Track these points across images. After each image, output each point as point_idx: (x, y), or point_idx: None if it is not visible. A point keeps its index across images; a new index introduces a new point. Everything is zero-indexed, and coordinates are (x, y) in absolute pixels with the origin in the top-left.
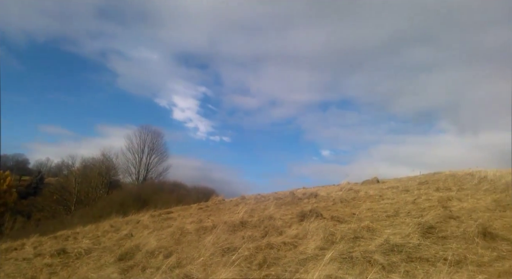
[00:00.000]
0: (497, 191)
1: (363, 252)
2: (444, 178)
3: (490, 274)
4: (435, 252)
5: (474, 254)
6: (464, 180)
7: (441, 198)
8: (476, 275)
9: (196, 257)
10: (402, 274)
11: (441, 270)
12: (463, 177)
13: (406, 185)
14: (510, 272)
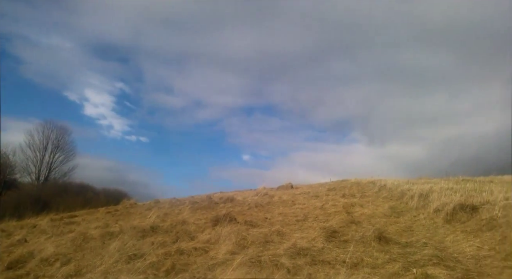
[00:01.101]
0: (394, 199)
1: (272, 256)
2: (350, 186)
3: (382, 275)
4: (336, 255)
5: (370, 257)
6: (367, 188)
7: (346, 204)
8: (370, 277)
9: (98, 264)
10: (305, 277)
11: (340, 272)
12: (366, 185)
13: (317, 191)
14: (399, 274)
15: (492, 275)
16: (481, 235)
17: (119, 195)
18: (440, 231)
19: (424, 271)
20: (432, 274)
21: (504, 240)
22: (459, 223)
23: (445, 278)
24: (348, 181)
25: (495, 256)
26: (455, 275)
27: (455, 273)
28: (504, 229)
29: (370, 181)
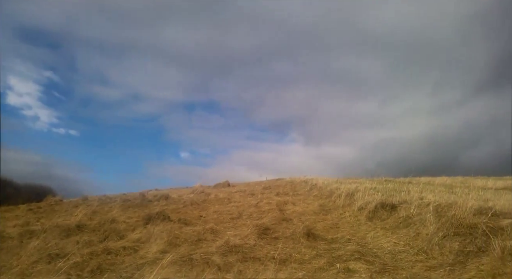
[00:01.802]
0: (323, 197)
1: (203, 254)
2: (284, 184)
3: (308, 270)
4: (267, 251)
5: (298, 252)
6: (300, 187)
7: (279, 202)
8: (297, 272)
9: (14, 265)
10: (235, 274)
11: (269, 268)
12: (299, 184)
13: (253, 189)
14: (324, 269)
15: (405, 269)
16: (398, 231)
17: (43, 191)
18: (362, 228)
19: (347, 265)
20: (353, 269)
21: (417, 237)
22: (380, 221)
23: (364, 272)
24: (283, 180)
25: (409, 251)
26: (373, 269)
27: (373, 267)
28: (417, 226)
29: (303, 180)
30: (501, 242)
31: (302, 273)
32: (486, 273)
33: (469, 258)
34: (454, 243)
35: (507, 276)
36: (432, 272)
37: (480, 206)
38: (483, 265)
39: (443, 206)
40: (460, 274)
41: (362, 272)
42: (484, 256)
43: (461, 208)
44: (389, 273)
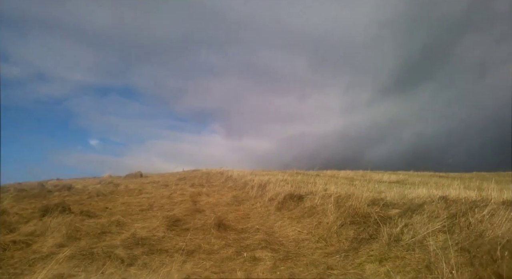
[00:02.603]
0: (237, 188)
1: (106, 247)
2: (200, 175)
3: (216, 260)
4: (175, 243)
5: (207, 243)
6: (215, 178)
7: (193, 193)
8: (204, 262)
9: None
10: (140, 266)
11: (176, 259)
12: (215, 175)
13: (167, 180)
14: (231, 258)
15: (306, 255)
16: (302, 221)
17: None
18: (271, 217)
19: (253, 254)
20: (259, 257)
21: (319, 225)
22: (287, 211)
23: (269, 259)
24: (199, 171)
25: (311, 239)
26: (277, 257)
27: (278, 255)
28: (320, 215)
29: (218, 172)
30: (388, 230)
31: (210, 263)
32: (375, 258)
33: (361, 245)
34: (350, 231)
35: (391, 260)
36: (330, 258)
37: (374, 197)
38: (373, 251)
39: (343, 197)
40: (353, 259)
41: (267, 260)
42: (374, 243)
43: (357, 199)
44: (291, 260)
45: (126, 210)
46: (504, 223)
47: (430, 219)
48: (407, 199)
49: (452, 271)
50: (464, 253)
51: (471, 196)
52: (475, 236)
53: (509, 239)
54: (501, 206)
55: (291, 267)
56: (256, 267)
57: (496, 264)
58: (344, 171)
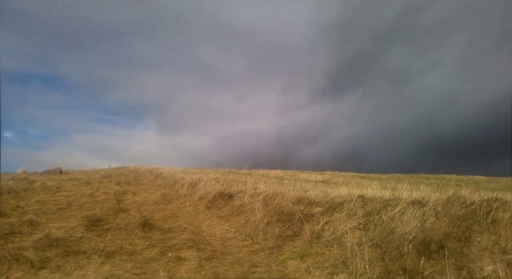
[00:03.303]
0: (167, 187)
1: (15, 249)
2: (127, 173)
3: (138, 261)
4: (95, 244)
5: (130, 244)
6: (144, 176)
7: (118, 192)
8: (124, 264)
9: None
10: (53, 270)
11: (94, 262)
12: (144, 173)
13: (90, 177)
14: (155, 258)
15: (232, 254)
16: (231, 219)
17: None
18: (200, 216)
19: (178, 254)
20: (184, 257)
21: (246, 224)
22: (217, 209)
23: (194, 259)
24: (126, 168)
25: (238, 237)
26: (203, 256)
27: (204, 254)
28: (248, 214)
29: (148, 169)
30: (311, 227)
31: (131, 265)
32: (297, 255)
33: (286, 242)
34: (275, 228)
35: (312, 256)
36: (255, 256)
37: (299, 196)
38: (295, 248)
39: (271, 195)
40: (277, 256)
41: (192, 260)
42: (297, 240)
43: (284, 198)
44: (217, 259)
45: (41, 209)
46: (412, 220)
47: (349, 216)
48: (329, 198)
49: (365, 266)
50: (376, 248)
51: (386, 196)
52: (387, 232)
53: (416, 235)
54: (410, 205)
55: (216, 266)
56: (181, 267)
57: (403, 258)
58: (275, 170)
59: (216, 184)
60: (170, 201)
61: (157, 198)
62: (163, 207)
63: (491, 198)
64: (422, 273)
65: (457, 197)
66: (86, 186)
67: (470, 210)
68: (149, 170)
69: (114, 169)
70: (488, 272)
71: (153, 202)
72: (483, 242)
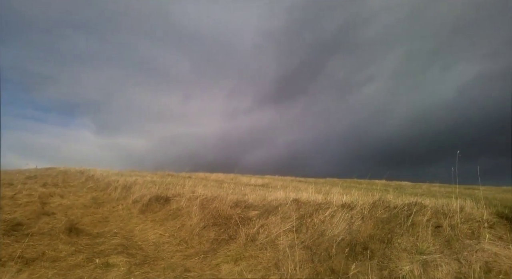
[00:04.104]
0: (98, 189)
1: None
2: (55, 174)
3: (62, 268)
4: (12, 250)
5: (53, 250)
6: (74, 177)
7: (43, 194)
8: (46, 271)
9: None
10: None
11: (10, 269)
12: (74, 174)
13: (13, 178)
14: (81, 265)
15: (165, 259)
16: (166, 223)
17: None
18: (133, 221)
19: (106, 260)
20: (113, 263)
21: (182, 228)
22: (152, 213)
23: (123, 265)
24: (55, 169)
25: (172, 242)
26: (133, 262)
27: (134, 259)
28: (184, 218)
29: (78, 171)
30: (246, 231)
31: (53, 272)
32: (231, 258)
33: (221, 246)
34: (211, 232)
35: (246, 259)
36: (188, 260)
37: (237, 199)
38: (230, 251)
39: (209, 199)
40: (211, 260)
41: (121, 266)
42: (232, 243)
43: (222, 201)
44: (148, 264)
45: None
46: (341, 223)
47: (283, 219)
48: (266, 202)
49: (296, 268)
50: (307, 250)
51: (318, 199)
52: (318, 235)
53: (343, 237)
54: (340, 209)
55: (147, 272)
56: (108, 274)
57: (331, 260)
58: (216, 173)
59: (152, 187)
60: (101, 205)
61: (87, 201)
62: (93, 210)
63: (412, 203)
64: (347, 273)
65: (382, 201)
66: (7, 188)
67: (393, 213)
68: (80, 172)
69: (41, 170)
70: (406, 272)
71: (82, 205)
72: (403, 244)
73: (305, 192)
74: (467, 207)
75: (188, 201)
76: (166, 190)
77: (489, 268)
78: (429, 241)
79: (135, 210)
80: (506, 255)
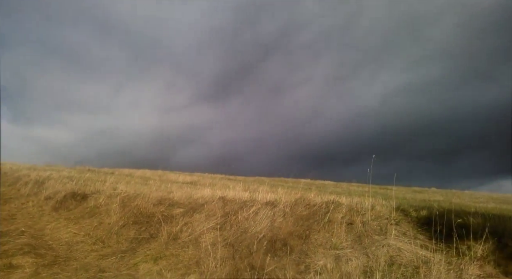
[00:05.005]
0: (6, 184)
1: None
2: None
3: None
4: None
5: None
6: None
7: None
8: None
9: None
10: None
11: None
12: None
13: None
14: None
15: (78, 259)
16: (82, 222)
17: None
18: (44, 218)
19: (10, 261)
20: (17, 264)
21: (99, 226)
22: (66, 211)
23: (29, 266)
24: None
25: (87, 241)
26: (42, 263)
27: (43, 260)
28: (103, 216)
29: None
30: (169, 229)
31: None
32: (151, 257)
33: (141, 245)
34: (131, 231)
35: (166, 258)
36: (104, 260)
37: (162, 197)
38: (150, 250)
39: (131, 196)
40: (129, 260)
41: (26, 267)
42: (153, 242)
43: (145, 199)
44: (59, 265)
45: None
46: (264, 220)
47: (208, 217)
48: (192, 199)
49: (216, 265)
50: (229, 248)
51: (244, 197)
52: (241, 232)
53: (265, 234)
54: (264, 206)
55: (56, 273)
56: (11, 276)
57: (251, 256)
58: (142, 170)
59: (69, 183)
60: (8, 201)
61: None
62: None
63: (330, 201)
64: (266, 269)
65: (303, 199)
66: None
67: (313, 211)
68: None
69: None
70: (320, 266)
71: None
72: (319, 239)
73: (233, 190)
74: (378, 205)
75: (108, 199)
76: (84, 186)
77: (392, 262)
78: (342, 237)
79: (47, 207)
80: (407, 250)
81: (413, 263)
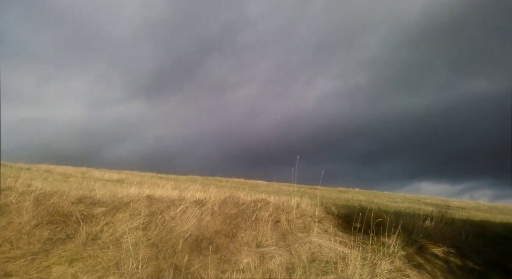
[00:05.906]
0: None
1: None
2: None
3: None
4: None
5: None
6: None
7: None
8: None
9: None
10: None
11: None
12: None
13: None
14: None
15: None
16: None
17: None
18: None
19: None
20: None
21: (8, 226)
22: None
23: None
24: None
25: None
26: None
27: None
28: (13, 215)
29: None
30: (88, 229)
31: None
32: (66, 259)
33: (55, 246)
34: (45, 231)
35: (83, 259)
36: (11, 263)
37: (82, 195)
38: (65, 252)
39: (47, 194)
40: (41, 263)
41: None
42: (70, 243)
43: (62, 197)
44: None
45: None
46: (191, 219)
47: (132, 216)
48: (116, 198)
49: (138, 266)
50: (153, 248)
51: (173, 196)
52: (166, 231)
53: (192, 233)
54: (193, 205)
55: None
56: None
57: (176, 256)
58: (63, 166)
59: None
60: None
61: None
62: None
63: (258, 199)
64: (190, 269)
65: (233, 197)
66: None
67: (241, 209)
68: None
69: None
70: (244, 264)
71: None
72: (245, 238)
73: (162, 188)
74: (303, 204)
75: (20, 196)
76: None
77: (313, 258)
78: (268, 234)
79: None
80: (328, 246)
81: (332, 259)
